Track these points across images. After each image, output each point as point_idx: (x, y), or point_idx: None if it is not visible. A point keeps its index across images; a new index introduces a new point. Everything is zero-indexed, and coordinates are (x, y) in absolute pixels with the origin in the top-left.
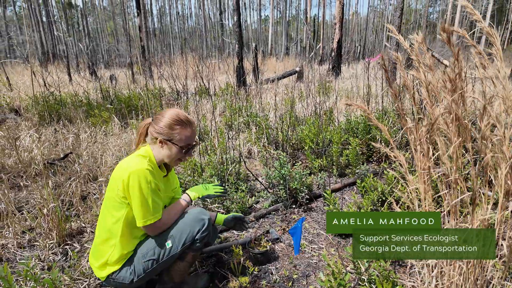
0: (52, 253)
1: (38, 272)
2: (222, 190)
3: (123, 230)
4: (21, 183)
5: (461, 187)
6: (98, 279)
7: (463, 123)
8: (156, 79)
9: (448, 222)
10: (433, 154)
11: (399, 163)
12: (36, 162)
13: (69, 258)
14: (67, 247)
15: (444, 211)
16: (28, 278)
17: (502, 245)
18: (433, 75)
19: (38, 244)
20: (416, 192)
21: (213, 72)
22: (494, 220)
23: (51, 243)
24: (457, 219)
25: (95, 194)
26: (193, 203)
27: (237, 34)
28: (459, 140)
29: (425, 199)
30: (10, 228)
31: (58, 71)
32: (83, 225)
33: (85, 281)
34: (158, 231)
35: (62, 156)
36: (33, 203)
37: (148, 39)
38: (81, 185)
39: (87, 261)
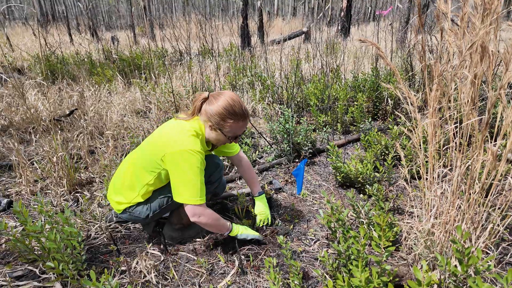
0: (63, 199)
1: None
2: (258, 235)
3: (154, 184)
4: (30, 138)
5: (472, 123)
6: (114, 214)
7: (488, 51)
8: (158, 40)
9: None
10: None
11: (406, 115)
12: (43, 118)
13: (80, 204)
14: (77, 194)
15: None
16: (42, 215)
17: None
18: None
19: (50, 192)
20: (424, 133)
21: (217, 33)
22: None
23: (62, 190)
24: (463, 154)
25: (101, 148)
26: (229, 234)
27: None
28: (481, 67)
29: (434, 136)
30: (23, 177)
31: (58, 32)
32: (92, 175)
33: (96, 223)
34: (194, 217)
35: (68, 112)
36: (42, 155)
37: None
38: (88, 140)
39: (98, 206)
